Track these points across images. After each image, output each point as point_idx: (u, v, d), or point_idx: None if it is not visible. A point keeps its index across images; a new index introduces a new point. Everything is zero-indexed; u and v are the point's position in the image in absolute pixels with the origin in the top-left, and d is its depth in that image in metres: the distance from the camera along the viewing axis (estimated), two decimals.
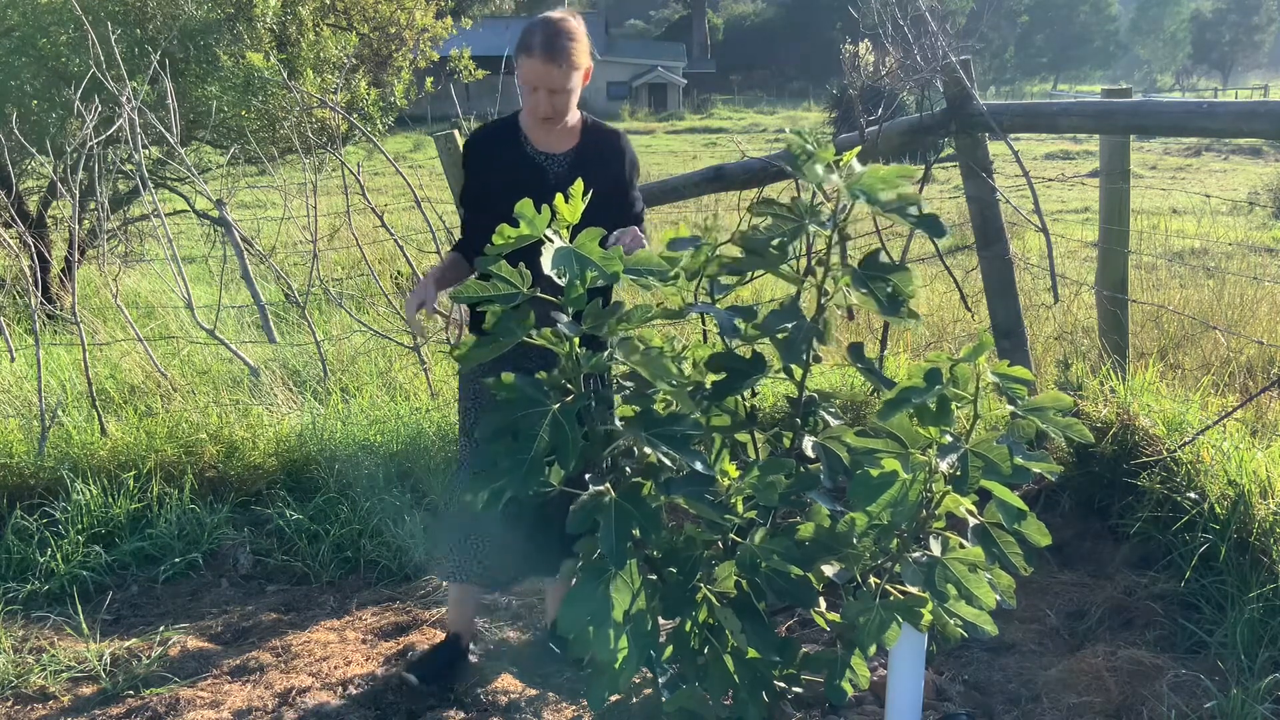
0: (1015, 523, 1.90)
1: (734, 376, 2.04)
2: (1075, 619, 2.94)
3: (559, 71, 2.41)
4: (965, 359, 1.88)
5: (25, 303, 5.29)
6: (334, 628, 3.08)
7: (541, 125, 2.52)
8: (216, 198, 4.66)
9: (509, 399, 1.82)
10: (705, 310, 2.08)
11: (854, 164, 1.90)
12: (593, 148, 2.60)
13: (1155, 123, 3.52)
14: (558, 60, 2.40)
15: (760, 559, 1.96)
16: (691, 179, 3.94)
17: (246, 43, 6.57)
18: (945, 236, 1.90)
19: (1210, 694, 2.44)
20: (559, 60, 2.40)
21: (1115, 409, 3.36)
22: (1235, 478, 2.91)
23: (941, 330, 5.38)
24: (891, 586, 2.01)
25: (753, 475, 1.95)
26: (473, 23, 11.75)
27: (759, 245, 1.97)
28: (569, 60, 2.42)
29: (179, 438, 3.89)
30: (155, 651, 2.92)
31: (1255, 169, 18.11)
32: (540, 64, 2.40)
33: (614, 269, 1.79)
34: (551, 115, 2.46)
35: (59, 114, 6.10)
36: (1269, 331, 5.10)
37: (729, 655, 2.01)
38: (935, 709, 2.54)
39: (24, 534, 3.45)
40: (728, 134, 31.40)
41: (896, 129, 3.89)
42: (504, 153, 2.56)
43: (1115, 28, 71.85)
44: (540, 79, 2.41)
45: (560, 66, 2.40)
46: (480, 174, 2.60)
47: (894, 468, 1.91)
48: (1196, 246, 8.49)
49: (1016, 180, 3.92)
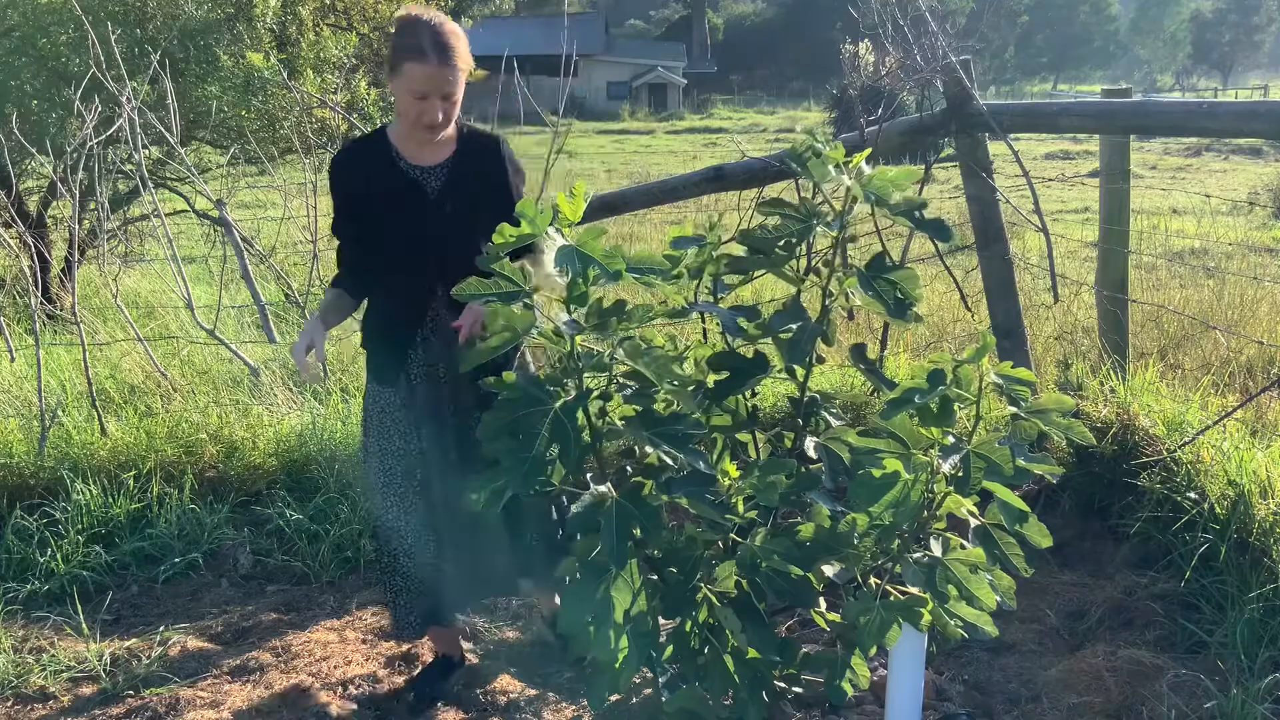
0: (1017, 524, 1.90)
1: (736, 376, 2.04)
2: (1075, 619, 2.94)
3: (452, 75, 2.26)
4: (969, 360, 1.88)
5: (25, 303, 5.29)
6: (334, 628, 3.08)
7: (423, 136, 2.35)
8: (216, 198, 4.66)
9: (510, 398, 1.82)
10: (708, 309, 2.08)
11: (863, 165, 1.90)
12: (471, 157, 2.44)
13: (1155, 123, 3.52)
14: (451, 62, 2.26)
15: (761, 559, 1.96)
16: (691, 179, 3.94)
17: (246, 43, 6.56)
18: (951, 240, 1.90)
19: (1210, 694, 2.44)
20: (452, 62, 2.26)
21: (1115, 409, 3.36)
22: (1235, 478, 2.91)
23: (941, 330, 5.38)
24: (892, 587, 2.01)
25: (753, 475, 1.95)
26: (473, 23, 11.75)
27: (764, 245, 1.97)
28: (460, 61, 2.28)
29: (179, 438, 3.89)
30: (155, 651, 2.92)
31: (1255, 169, 18.11)
32: (434, 68, 2.24)
33: (616, 267, 1.79)
34: (442, 123, 2.31)
35: (59, 114, 6.09)
36: (1269, 331, 5.10)
37: (729, 655, 2.01)
38: (935, 709, 2.54)
39: (24, 534, 3.45)
40: (728, 134, 31.40)
41: (896, 129, 3.89)
42: (376, 172, 2.40)
43: (1115, 28, 71.87)
44: (434, 85, 2.25)
45: (453, 69, 2.26)
46: (352, 198, 2.43)
47: (896, 468, 1.90)
48: (1196, 246, 8.49)
49: (1016, 180, 3.91)
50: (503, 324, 1.83)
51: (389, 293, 2.47)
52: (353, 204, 2.43)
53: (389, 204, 2.38)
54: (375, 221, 2.40)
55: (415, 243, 2.39)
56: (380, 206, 2.39)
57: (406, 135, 2.40)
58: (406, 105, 2.29)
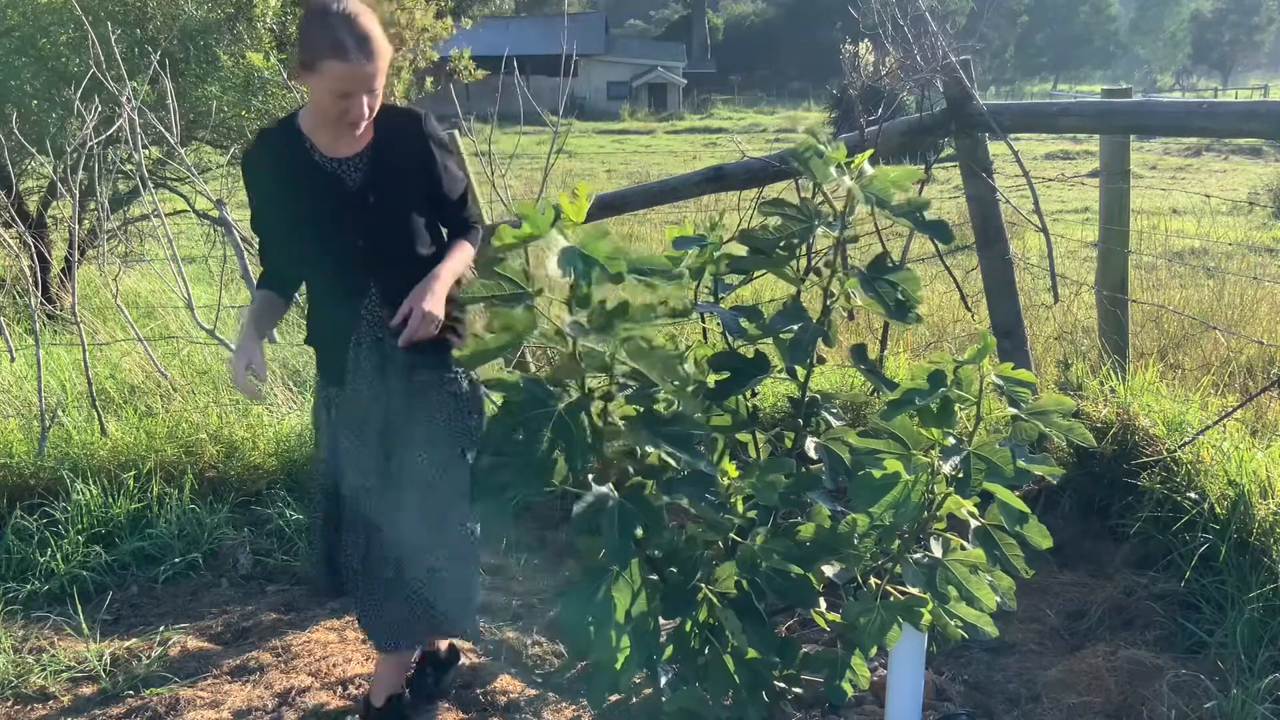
0: (1017, 525, 1.90)
1: (737, 376, 2.04)
2: (1075, 619, 2.94)
3: (374, 68, 2.09)
4: (969, 360, 1.88)
5: (25, 303, 5.29)
6: (334, 628, 3.08)
7: (344, 129, 2.18)
8: (216, 198, 4.66)
9: (514, 400, 1.82)
10: (710, 310, 2.08)
11: (865, 166, 1.90)
12: (391, 141, 2.25)
13: (1155, 123, 3.53)
14: (373, 55, 2.08)
15: (761, 559, 1.96)
16: (691, 179, 3.94)
17: (246, 43, 6.56)
18: (951, 241, 1.91)
19: (1210, 694, 2.44)
20: (374, 55, 2.08)
21: (1115, 409, 3.36)
22: (1235, 478, 2.91)
23: (941, 330, 5.38)
24: (892, 587, 2.01)
25: (753, 476, 1.95)
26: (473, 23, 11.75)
27: (765, 245, 1.97)
28: (381, 53, 2.11)
29: (179, 438, 3.89)
30: (155, 651, 2.92)
31: (1255, 169, 18.11)
32: (359, 67, 2.06)
33: (618, 269, 1.79)
34: (365, 118, 2.14)
35: (59, 114, 6.09)
36: (1269, 331, 5.11)
37: (729, 655, 2.01)
38: (935, 709, 2.54)
39: (24, 534, 3.45)
40: (728, 134, 31.40)
41: (896, 129, 3.89)
42: (290, 166, 2.23)
43: (1115, 28, 71.91)
44: (358, 83, 2.08)
45: (375, 63, 2.09)
46: (267, 195, 2.29)
47: (896, 469, 1.90)
48: (1196, 246, 8.50)
49: (1016, 180, 3.92)
50: (502, 326, 1.83)
51: (319, 292, 2.36)
52: (270, 202, 2.29)
53: (308, 200, 2.23)
54: (296, 219, 2.26)
55: (340, 240, 2.25)
56: (299, 203, 2.24)
57: (320, 127, 2.23)
58: (327, 104, 2.11)
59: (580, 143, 27.82)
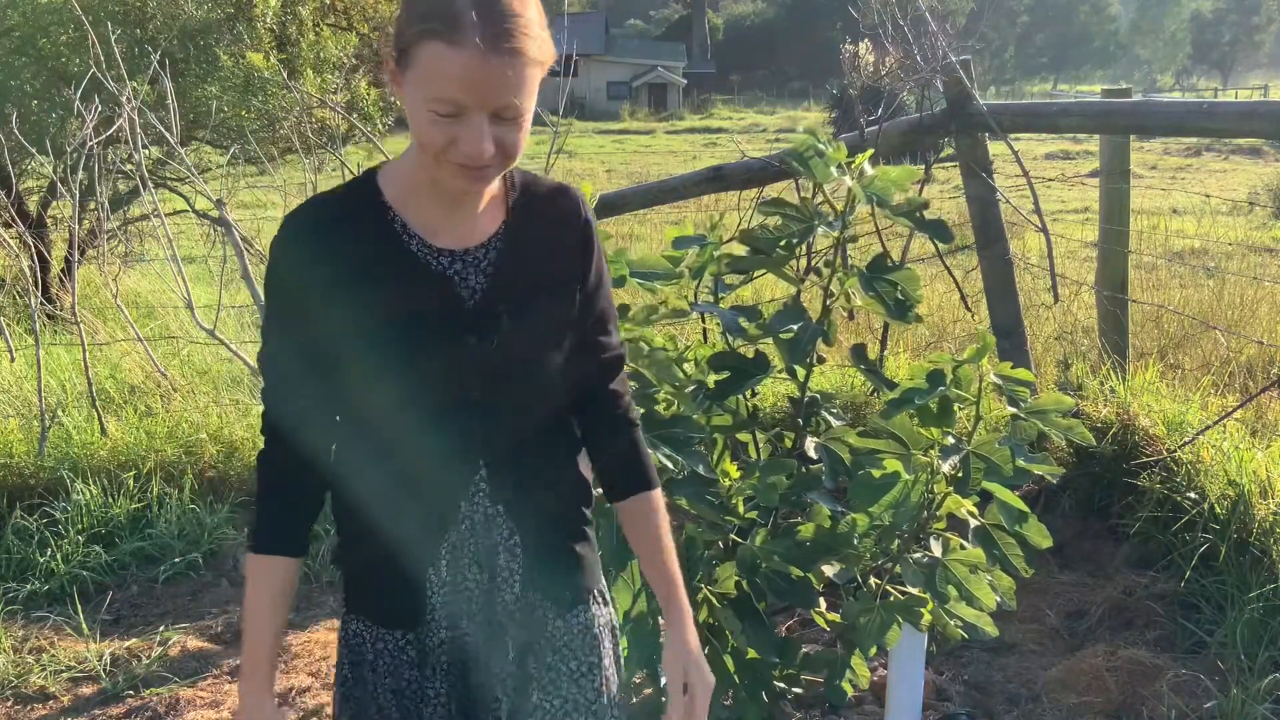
0: (1016, 524, 1.90)
1: (737, 376, 2.04)
2: (1075, 619, 2.94)
3: (515, 69, 1.14)
4: (969, 360, 1.88)
5: (25, 303, 5.29)
6: (333, 628, 3.08)
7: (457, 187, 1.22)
8: (216, 198, 4.66)
9: None
10: (709, 310, 2.08)
11: (865, 166, 1.90)
12: (537, 232, 1.32)
13: (1155, 123, 3.53)
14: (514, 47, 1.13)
15: (761, 559, 1.96)
16: (691, 179, 3.94)
17: (246, 43, 6.56)
18: (951, 241, 1.91)
19: (1210, 694, 2.44)
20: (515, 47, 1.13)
21: (1115, 409, 3.36)
22: (1235, 478, 2.91)
23: (941, 330, 5.38)
24: (892, 587, 2.01)
25: (753, 476, 1.95)
26: None
27: (765, 245, 1.97)
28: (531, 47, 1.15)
29: (179, 438, 3.89)
30: (155, 651, 2.92)
31: (1255, 169, 18.11)
32: (486, 59, 1.12)
33: (619, 273, 1.79)
34: (496, 162, 1.18)
35: (59, 114, 6.09)
36: (1269, 331, 5.10)
37: (729, 655, 2.01)
38: (935, 709, 2.54)
39: (24, 534, 3.45)
40: (728, 134, 31.40)
41: (896, 129, 3.89)
42: (364, 257, 1.26)
43: (1115, 28, 71.95)
44: (480, 90, 1.13)
45: (519, 60, 1.14)
46: (312, 304, 1.25)
47: (896, 469, 1.91)
48: (1196, 246, 8.49)
49: (1016, 180, 3.91)
50: None
51: (382, 478, 1.31)
52: (315, 316, 1.25)
53: (392, 315, 1.25)
54: (365, 346, 1.25)
55: (444, 386, 1.28)
56: (374, 319, 1.25)
57: (419, 188, 1.27)
58: (425, 128, 1.16)
59: (580, 143, 27.82)
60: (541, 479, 1.36)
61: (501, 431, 1.31)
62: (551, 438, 1.38)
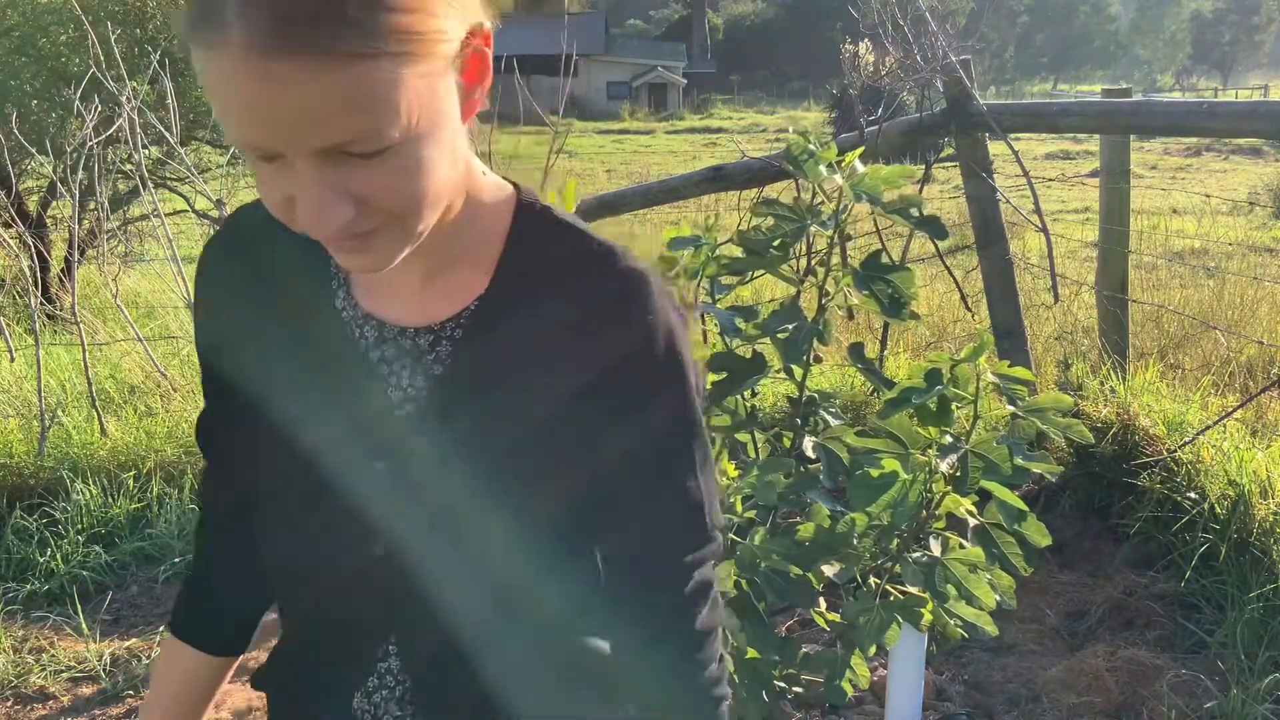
0: (1016, 523, 1.90)
1: (735, 376, 2.04)
2: (1075, 619, 2.94)
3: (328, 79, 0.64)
4: (966, 359, 1.88)
5: (25, 303, 5.29)
6: None
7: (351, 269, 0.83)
8: (216, 198, 4.66)
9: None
10: (706, 310, 2.08)
11: (856, 164, 1.90)
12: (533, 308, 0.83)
13: (1155, 123, 3.53)
14: (312, 42, 0.63)
15: (760, 559, 1.96)
16: (691, 179, 3.94)
17: None
18: (946, 239, 1.91)
19: (1210, 694, 2.44)
20: (315, 41, 0.63)
21: (1115, 409, 3.36)
22: (1235, 478, 2.91)
23: (941, 330, 5.38)
24: (891, 587, 2.01)
25: (752, 475, 1.95)
26: None
27: (759, 245, 1.96)
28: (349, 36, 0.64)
29: (179, 438, 3.89)
30: (155, 651, 2.92)
31: (1255, 169, 18.12)
32: (254, 64, 0.63)
33: None
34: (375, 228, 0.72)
35: (59, 114, 6.11)
36: (1269, 331, 5.11)
37: (728, 655, 2.01)
38: (935, 709, 2.54)
39: (24, 534, 3.45)
40: (728, 134, 31.41)
41: (896, 129, 3.89)
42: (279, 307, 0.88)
43: (1115, 28, 72.00)
44: (262, 116, 0.66)
45: (321, 63, 0.64)
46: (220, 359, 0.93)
47: (894, 468, 1.90)
48: (1196, 246, 8.49)
49: (1017, 180, 3.91)
50: None
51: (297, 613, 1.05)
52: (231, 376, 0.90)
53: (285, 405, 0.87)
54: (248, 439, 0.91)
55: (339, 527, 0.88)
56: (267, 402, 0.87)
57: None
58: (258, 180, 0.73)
59: (580, 143, 27.83)
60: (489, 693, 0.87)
61: (420, 607, 0.85)
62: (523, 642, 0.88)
